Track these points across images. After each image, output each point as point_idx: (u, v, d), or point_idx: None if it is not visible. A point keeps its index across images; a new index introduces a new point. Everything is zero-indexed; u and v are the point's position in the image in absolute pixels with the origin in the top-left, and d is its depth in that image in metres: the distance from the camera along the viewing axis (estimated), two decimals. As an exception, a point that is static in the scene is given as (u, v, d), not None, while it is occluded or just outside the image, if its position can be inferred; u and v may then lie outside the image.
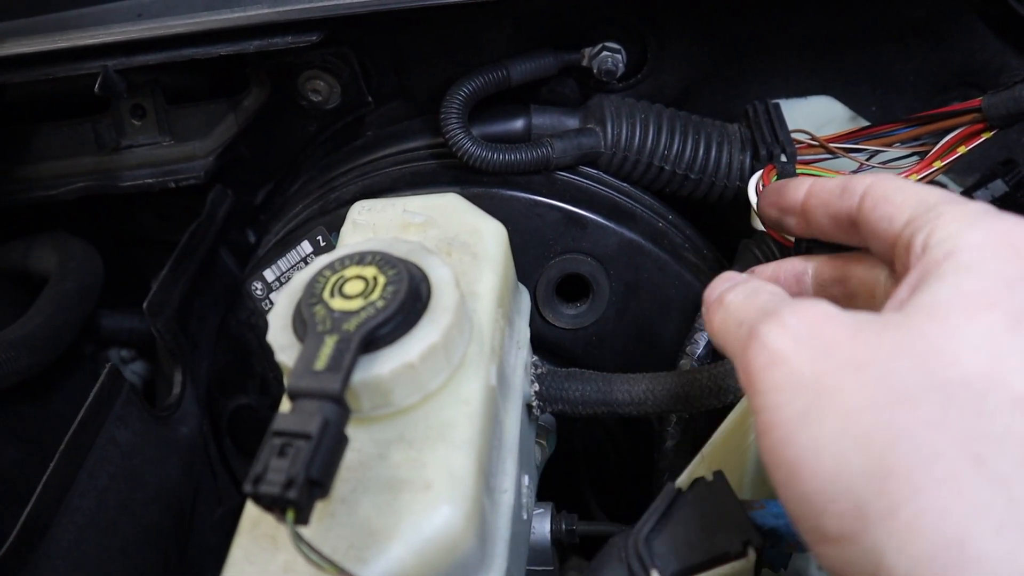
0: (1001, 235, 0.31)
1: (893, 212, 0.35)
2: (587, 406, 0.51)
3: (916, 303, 0.30)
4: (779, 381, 0.30)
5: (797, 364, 0.30)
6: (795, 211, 0.43)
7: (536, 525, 0.54)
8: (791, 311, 0.32)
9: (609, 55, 0.62)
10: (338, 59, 0.65)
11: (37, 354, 0.61)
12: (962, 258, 0.30)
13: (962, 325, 0.28)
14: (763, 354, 0.31)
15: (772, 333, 0.31)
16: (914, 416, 0.27)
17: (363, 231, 0.47)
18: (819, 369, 0.29)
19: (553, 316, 0.62)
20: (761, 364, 0.31)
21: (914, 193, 0.35)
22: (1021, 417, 0.26)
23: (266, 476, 0.29)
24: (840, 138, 0.60)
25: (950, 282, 0.30)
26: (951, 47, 0.63)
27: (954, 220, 0.32)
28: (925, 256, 0.31)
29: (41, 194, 0.70)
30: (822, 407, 0.28)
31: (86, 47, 0.56)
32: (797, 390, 0.29)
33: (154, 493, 0.61)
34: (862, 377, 0.28)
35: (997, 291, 0.29)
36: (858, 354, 0.29)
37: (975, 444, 0.26)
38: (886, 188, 0.36)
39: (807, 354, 0.30)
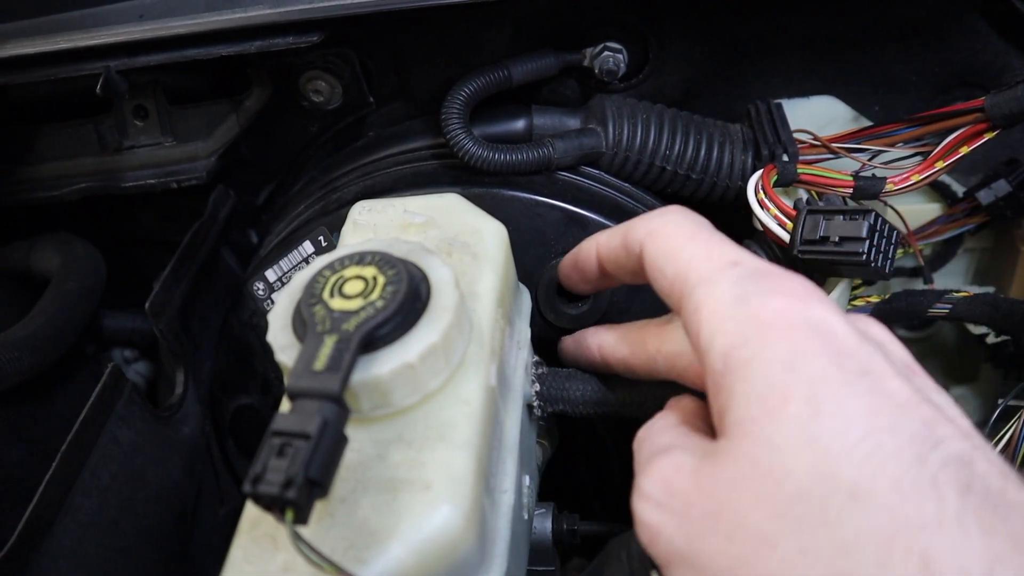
0: (756, 322, 0.31)
1: (667, 287, 0.36)
2: (588, 406, 0.50)
3: (728, 423, 0.30)
4: (665, 555, 0.31)
5: (668, 534, 0.31)
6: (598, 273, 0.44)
7: (537, 525, 0.54)
8: (646, 476, 0.33)
9: (610, 55, 0.62)
10: (339, 59, 0.65)
11: (39, 354, 0.61)
12: (735, 361, 0.31)
13: (771, 434, 0.28)
14: (642, 532, 0.32)
15: (640, 506, 0.33)
16: (779, 557, 0.27)
17: (364, 231, 0.47)
18: (687, 534, 0.30)
19: (554, 316, 0.62)
20: (645, 541, 0.32)
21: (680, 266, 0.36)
22: (863, 512, 0.26)
23: (265, 476, 0.29)
24: (842, 138, 0.60)
25: (740, 393, 0.30)
26: (954, 47, 0.63)
27: (710, 317, 0.33)
28: (707, 362, 0.32)
29: (43, 195, 0.70)
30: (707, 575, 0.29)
31: (88, 48, 0.56)
32: (682, 562, 0.30)
33: (156, 493, 0.61)
34: (722, 530, 0.29)
35: (779, 379, 0.29)
36: (709, 505, 0.30)
37: (838, 563, 0.26)
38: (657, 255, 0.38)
39: (672, 520, 0.31)
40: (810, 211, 0.52)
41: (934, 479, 0.26)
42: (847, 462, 0.27)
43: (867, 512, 0.26)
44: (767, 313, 0.31)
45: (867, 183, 0.57)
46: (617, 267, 0.42)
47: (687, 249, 0.36)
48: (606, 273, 0.44)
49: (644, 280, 0.40)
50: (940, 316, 0.58)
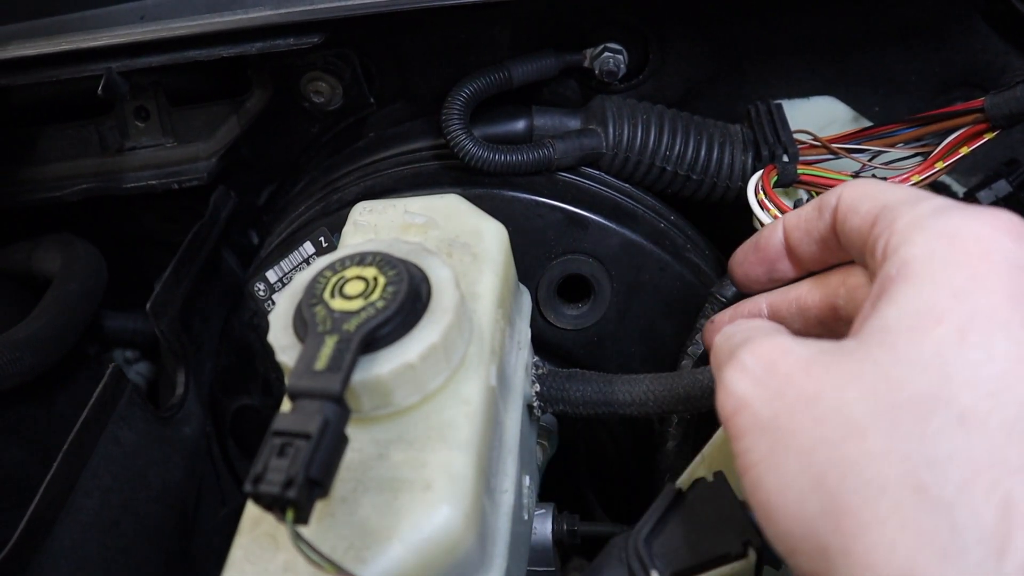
0: (949, 238, 0.30)
1: (860, 223, 0.35)
2: (588, 407, 0.51)
3: (870, 326, 0.30)
4: (744, 425, 0.30)
5: (757, 406, 0.30)
6: (781, 255, 0.42)
7: (537, 525, 0.54)
8: (748, 351, 0.32)
9: (611, 56, 0.62)
10: (340, 60, 0.65)
11: (41, 355, 0.61)
12: (911, 270, 0.30)
13: (910, 345, 0.28)
14: (729, 400, 0.32)
15: (733, 378, 0.32)
16: (862, 448, 0.27)
17: (364, 232, 0.47)
18: (776, 410, 0.30)
19: (554, 317, 0.62)
20: (729, 410, 0.31)
21: (878, 198, 0.35)
22: (964, 436, 0.26)
23: (266, 476, 0.29)
24: (843, 138, 0.60)
25: (899, 300, 0.30)
26: (954, 47, 0.63)
27: (905, 226, 0.32)
28: (883, 268, 0.31)
29: (45, 196, 0.70)
30: (782, 448, 0.29)
31: (89, 49, 0.56)
32: (761, 433, 0.30)
33: (157, 493, 0.61)
34: (814, 412, 0.28)
35: (944, 303, 0.29)
36: (809, 388, 0.29)
37: (918, 472, 0.26)
38: (853, 198, 0.36)
39: (764, 395, 0.30)
40: (810, 211, 0.52)
41: None
42: (970, 390, 0.27)
43: (969, 438, 0.26)
44: (966, 234, 0.30)
45: (867, 184, 0.57)
46: (805, 234, 0.40)
47: (886, 189, 0.35)
48: (790, 248, 0.42)
49: (831, 250, 0.39)
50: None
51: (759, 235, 0.44)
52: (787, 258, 0.43)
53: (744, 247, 0.46)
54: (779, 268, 0.44)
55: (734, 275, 0.47)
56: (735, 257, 0.46)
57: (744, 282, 0.47)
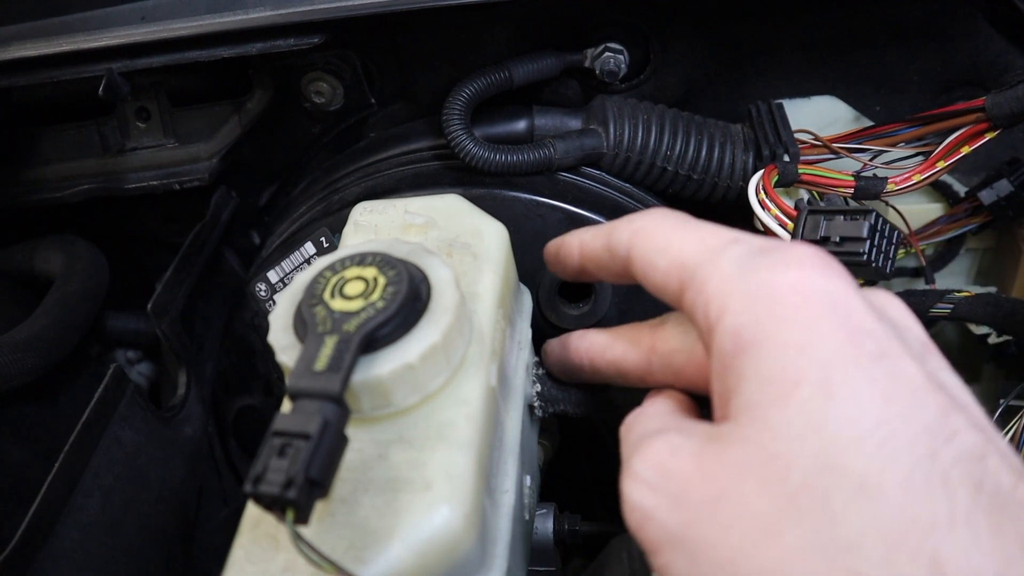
0: (767, 297, 0.29)
1: (663, 281, 0.34)
2: (589, 406, 0.50)
3: (735, 407, 0.29)
4: (656, 539, 0.29)
5: (662, 516, 0.29)
6: (583, 271, 0.42)
7: (539, 525, 0.54)
8: (639, 457, 0.31)
9: (611, 56, 0.62)
10: (341, 61, 0.65)
11: (43, 355, 0.61)
12: (745, 340, 0.29)
13: (779, 420, 0.27)
14: (633, 514, 0.30)
15: (630, 488, 0.31)
16: (780, 549, 0.26)
17: (365, 232, 0.47)
18: (683, 519, 0.28)
19: (555, 317, 0.62)
20: (635, 524, 0.30)
21: (672, 254, 0.34)
22: (870, 507, 0.25)
23: (266, 476, 0.29)
24: (844, 138, 0.60)
25: (750, 375, 0.28)
26: (955, 46, 0.63)
27: (716, 293, 0.31)
28: (715, 344, 0.30)
29: (46, 196, 0.70)
30: (703, 562, 0.28)
31: (90, 50, 0.56)
32: (676, 548, 0.29)
33: (158, 494, 0.61)
34: (721, 517, 0.27)
35: (793, 364, 0.28)
36: (709, 489, 0.28)
37: (840, 559, 0.25)
38: (647, 251, 0.35)
39: (665, 503, 0.29)
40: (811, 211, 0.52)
41: (945, 476, 0.25)
42: (856, 452, 0.26)
43: (875, 508, 0.25)
44: (779, 287, 0.29)
45: (868, 183, 0.57)
46: (599, 268, 0.40)
47: (678, 238, 0.34)
48: (587, 272, 0.42)
49: (629, 281, 0.38)
50: (942, 316, 0.58)
51: (560, 245, 0.43)
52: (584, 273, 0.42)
53: (550, 247, 0.44)
54: (578, 277, 0.43)
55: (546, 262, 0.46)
56: (546, 250, 0.45)
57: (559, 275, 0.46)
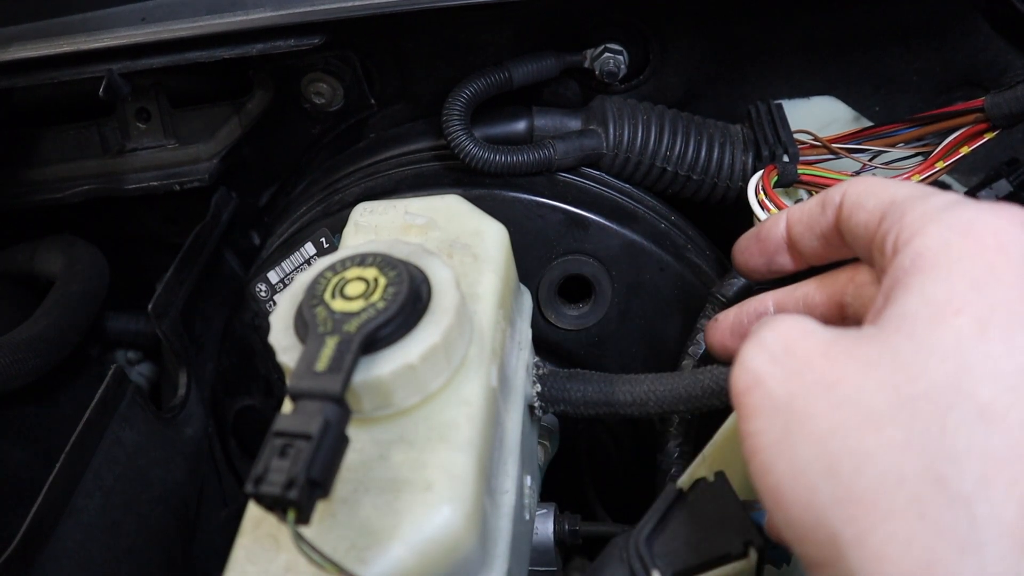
0: (964, 230, 0.30)
1: (867, 218, 0.35)
2: (589, 407, 0.50)
3: (888, 315, 0.30)
4: (757, 405, 0.30)
5: (772, 385, 0.30)
6: (782, 247, 0.42)
7: (539, 526, 0.54)
8: (770, 328, 0.31)
9: (611, 56, 0.62)
10: (341, 62, 0.65)
11: (43, 356, 0.62)
12: (927, 261, 0.30)
13: (929, 336, 0.28)
14: (743, 376, 0.31)
15: (750, 353, 0.31)
16: (879, 439, 0.26)
17: (365, 233, 0.47)
18: (792, 391, 0.29)
19: (555, 317, 0.62)
20: (742, 387, 0.31)
21: (885, 194, 0.34)
22: (983, 430, 0.26)
23: (267, 476, 0.29)
24: (843, 138, 0.60)
25: (916, 290, 0.29)
26: (954, 47, 0.63)
27: (917, 219, 0.31)
28: (895, 261, 0.31)
29: (47, 197, 0.70)
30: (796, 432, 0.28)
31: (90, 51, 0.56)
32: (774, 414, 0.29)
33: (159, 494, 0.61)
34: (832, 398, 0.28)
35: (963, 294, 0.28)
36: (829, 373, 0.29)
37: (937, 465, 0.26)
38: (858, 194, 0.36)
39: (781, 374, 0.30)
40: (810, 211, 0.52)
41: None
42: (989, 385, 0.26)
43: (989, 433, 0.26)
44: (978, 226, 0.30)
45: (868, 183, 0.57)
46: (807, 229, 0.40)
47: (892, 185, 0.35)
48: (791, 242, 0.41)
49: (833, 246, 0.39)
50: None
51: (761, 226, 0.44)
52: (787, 252, 0.42)
53: (747, 236, 0.45)
54: (778, 260, 0.43)
55: (735, 262, 0.47)
56: (738, 244, 0.46)
57: (744, 270, 0.46)
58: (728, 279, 0.57)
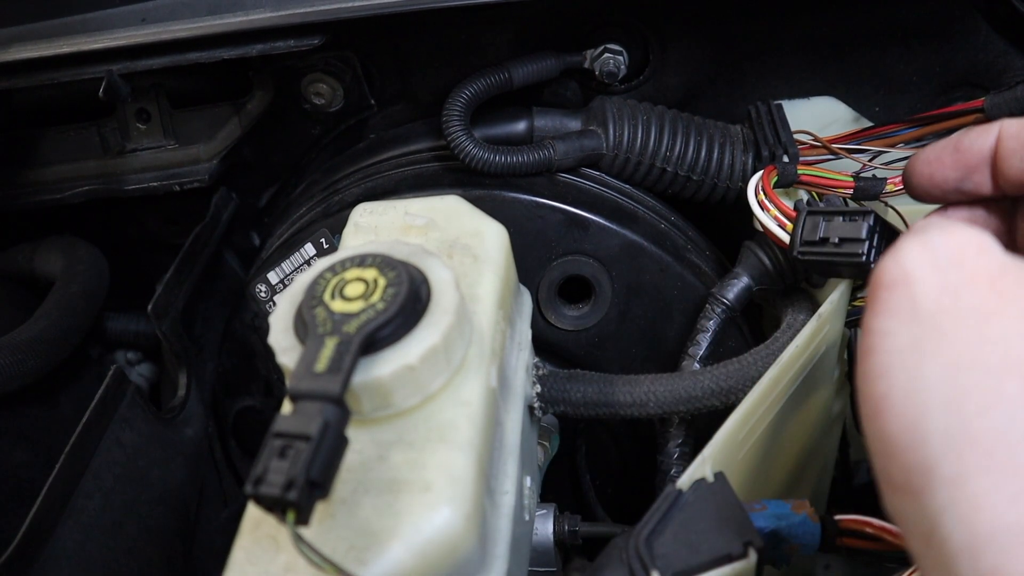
0: None
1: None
2: (589, 407, 0.51)
3: None
4: (897, 304, 0.27)
5: (922, 290, 0.26)
6: (985, 163, 0.36)
7: (539, 526, 0.54)
8: (942, 231, 0.27)
9: (611, 57, 0.62)
10: (341, 62, 0.65)
11: (43, 357, 0.62)
12: None
13: None
14: (893, 268, 0.27)
15: (911, 249, 0.27)
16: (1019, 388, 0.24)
17: (365, 233, 0.47)
18: (943, 305, 0.26)
19: (555, 317, 0.62)
20: (887, 279, 0.27)
21: None
22: None
23: (267, 477, 0.29)
24: (843, 139, 0.60)
25: None
26: (954, 47, 0.63)
27: None
28: None
29: (47, 198, 0.70)
30: (929, 350, 0.25)
31: (90, 52, 0.56)
32: (912, 321, 0.26)
33: (159, 495, 0.61)
34: (984, 330, 0.25)
35: None
36: (991, 302, 0.26)
37: None
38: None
39: (938, 282, 0.26)
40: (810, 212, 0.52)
41: None
42: None
43: None
44: None
45: (867, 184, 0.57)
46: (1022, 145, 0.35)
47: None
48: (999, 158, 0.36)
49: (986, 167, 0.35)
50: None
51: (963, 135, 0.38)
52: (990, 168, 0.37)
53: (939, 145, 0.39)
54: (975, 179, 0.37)
55: (914, 174, 0.40)
56: (924, 154, 0.39)
57: (925, 185, 0.40)
58: (728, 280, 0.57)
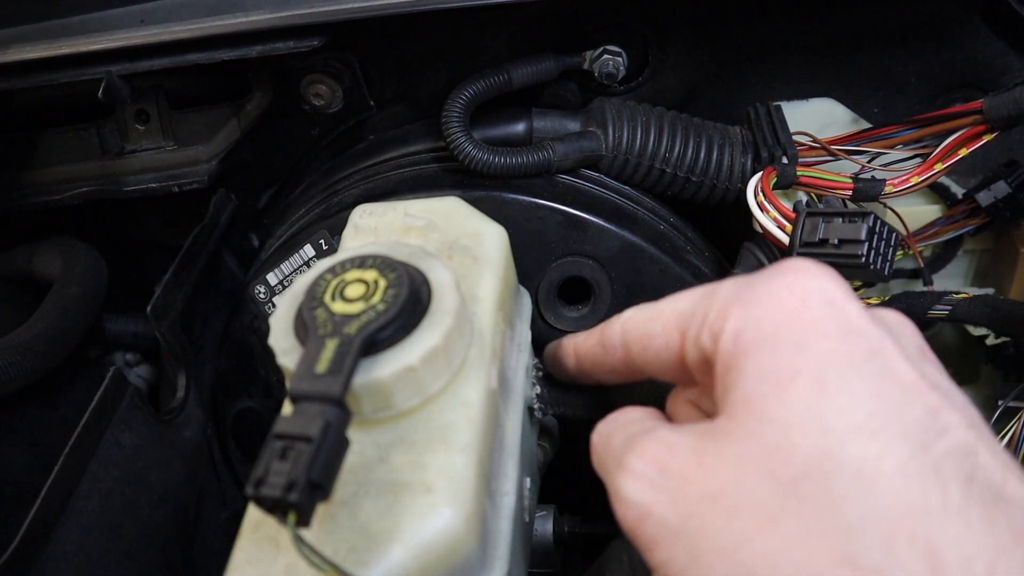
0: (766, 301, 0.30)
1: (662, 342, 0.35)
2: (589, 408, 0.51)
3: (733, 403, 0.30)
4: (653, 535, 0.30)
5: (661, 512, 0.30)
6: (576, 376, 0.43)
7: (539, 527, 0.54)
8: (635, 455, 0.32)
9: (610, 58, 0.62)
10: (340, 63, 0.65)
11: (42, 358, 0.61)
12: (745, 341, 0.30)
13: (778, 412, 0.28)
14: (630, 511, 0.31)
15: (627, 486, 0.31)
16: (782, 535, 0.26)
17: (365, 235, 0.47)
18: (682, 513, 0.29)
19: (555, 319, 0.62)
20: (632, 521, 0.31)
21: (667, 313, 0.35)
22: (868, 492, 0.26)
23: (267, 479, 0.29)
24: (842, 140, 0.60)
25: (749, 370, 0.29)
26: (953, 48, 0.63)
27: (719, 312, 0.31)
28: (718, 349, 0.31)
29: (46, 199, 0.70)
30: (703, 554, 0.28)
31: (89, 53, 0.56)
32: (674, 541, 0.29)
33: (158, 496, 0.61)
34: (722, 508, 0.28)
35: (790, 359, 0.29)
36: (709, 483, 0.29)
37: (842, 544, 0.25)
38: (640, 326, 0.36)
39: (665, 499, 0.30)
40: (809, 213, 0.52)
41: (938, 468, 0.26)
42: (853, 441, 0.26)
43: (872, 493, 0.26)
44: (777, 291, 0.30)
45: (866, 185, 0.57)
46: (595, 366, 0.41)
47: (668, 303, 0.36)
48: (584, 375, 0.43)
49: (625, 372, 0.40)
50: (940, 318, 0.58)
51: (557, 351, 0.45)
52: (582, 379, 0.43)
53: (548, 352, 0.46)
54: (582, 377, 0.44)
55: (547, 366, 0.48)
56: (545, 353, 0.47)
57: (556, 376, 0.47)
58: (727, 281, 0.57)
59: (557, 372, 0.46)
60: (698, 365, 0.33)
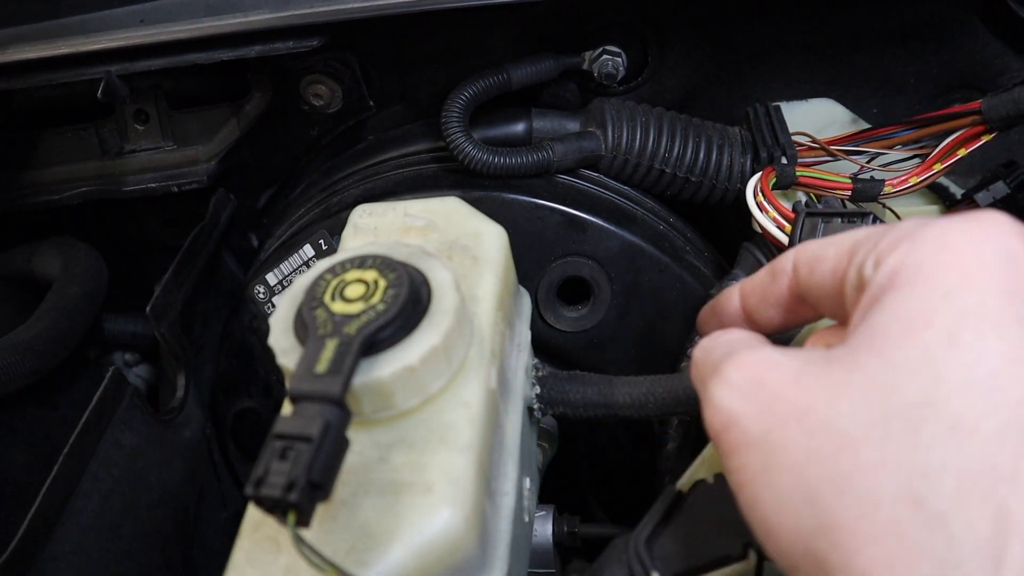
0: (938, 241, 0.30)
1: (831, 265, 0.34)
2: (588, 408, 0.51)
3: (859, 333, 0.29)
4: (736, 442, 0.30)
5: (746, 422, 0.30)
6: (739, 321, 0.42)
7: (538, 528, 0.54)
8: (733, 365, 0.32)
9: (609, 59, 0.62)
10: (340, 63, 0.65)
11: (42, 358, 0.61)
12: (900, 278, 0.29)
13: (899, 350, 0.28)
14: (717, 417, 0.31)
15: (720, 394, 0.31)
16: (855, 461, 0.26)
17: (364, 235, 0.47)
18: (766, 425, 0.29)
19: (554, 319, 0.62)
20: (718, 427, 0.31)
21: (844, 240, 0.34)
22: (956, 444, 0.26)
23: (267, 479, 0.29)
24: (841, 140, 0.60)
25: (888, 306, 0.29)
26: (952, 49, 0.63)
27: (889, 242, 0.31)
28: (870, 284, 0.31)
29: (45, 199, 0.70)
30: (775, 464, 0.28)
31: (89, 53, 0.56)
32: (753, 449, 0.29)
33: (158, 496, 0.61)
34: (805, 426, 0.28)
35: (933, 305, 0.28)
36: (800, 401, 0.29)
37: (912, 483, 0.25)
38: (814, 250, 0.36)
39: (753, 410, 0.30)
40: (808, 214, 0.52)
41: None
42: (961, 395, 0.26)
43: (961, 446, 0.25)
44: (956, 235, 0.29)
45: (866, 185, 0.57)
46: (760, 300, 0.40)
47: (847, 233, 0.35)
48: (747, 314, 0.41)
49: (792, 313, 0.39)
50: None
51: (717, 299, 0.44)
52: (746, 323, 0.42)
53: (706, 310, 0.45)
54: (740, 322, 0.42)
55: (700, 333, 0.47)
56: (700, 317, 0.46)
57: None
58: (727, 281, 0.57)
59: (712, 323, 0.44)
60: (853, 293, 0.32)
